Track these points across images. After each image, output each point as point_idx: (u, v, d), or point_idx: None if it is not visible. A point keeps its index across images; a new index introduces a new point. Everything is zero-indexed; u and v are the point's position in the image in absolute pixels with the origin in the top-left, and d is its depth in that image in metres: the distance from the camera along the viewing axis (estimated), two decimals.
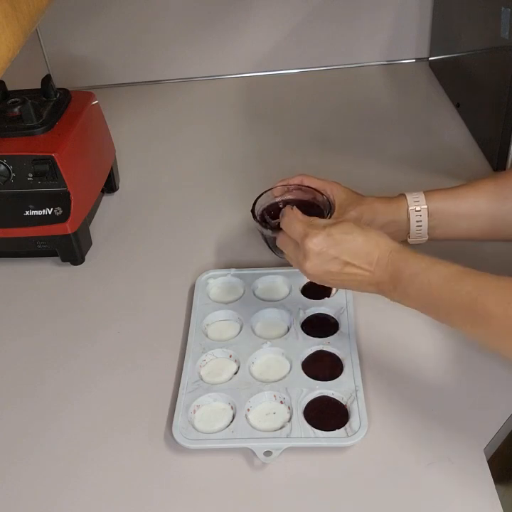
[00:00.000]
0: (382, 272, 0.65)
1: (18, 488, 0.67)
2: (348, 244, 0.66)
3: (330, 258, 0.66)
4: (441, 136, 1.16)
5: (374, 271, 0.65)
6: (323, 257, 0.66)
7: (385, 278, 0.65)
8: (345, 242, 0.66)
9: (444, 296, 0.60)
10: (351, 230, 0.67)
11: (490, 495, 0.60)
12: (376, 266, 0.65)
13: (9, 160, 0.88)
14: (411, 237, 0.78)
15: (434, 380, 0.72)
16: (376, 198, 0.79)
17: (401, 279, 0.63)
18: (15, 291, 0.92)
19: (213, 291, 0.85)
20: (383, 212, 0.77)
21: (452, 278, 0.60)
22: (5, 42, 0.55)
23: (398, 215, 0.77)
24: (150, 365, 0.78)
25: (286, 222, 0.70)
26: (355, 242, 0.66)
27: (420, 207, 0.76)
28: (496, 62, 0.99)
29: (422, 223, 0.77)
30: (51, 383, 0.77)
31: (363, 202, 0.78)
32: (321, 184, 0.81)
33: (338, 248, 0.66)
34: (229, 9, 1.34)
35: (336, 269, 0.67)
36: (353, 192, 0.81)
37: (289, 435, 0.66)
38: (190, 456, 0.67)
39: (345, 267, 0.66)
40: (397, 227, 0.78)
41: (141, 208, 1.06)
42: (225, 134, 1.24)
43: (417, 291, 0.62)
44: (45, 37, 1.37)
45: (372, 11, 1.34)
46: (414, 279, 0.62)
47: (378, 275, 0.65)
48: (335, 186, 0.81)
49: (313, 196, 0.81)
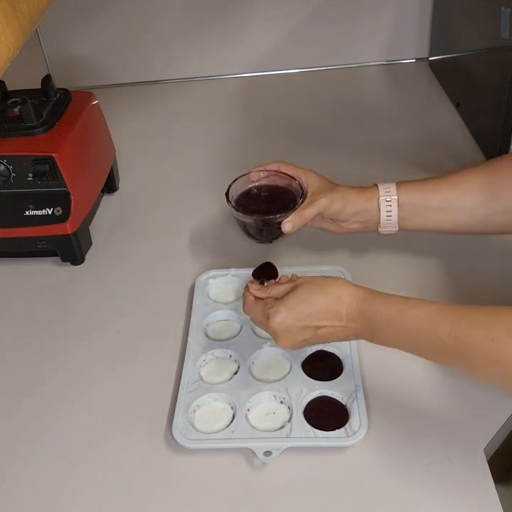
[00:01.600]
0: (356, 324, 0.64)
1: (18, 488, 0.67)
2: (310, 309, 0.65)
3: (299, 329, 0.65)
4: (441, 136, 1.16)
5: (347, 325, 0.64)
6: (293, 331, 0.65)
7: (361, 328, 0.64)
8: (307, 309, 0.65)
9: (422, 337, 0.59)
10: (309, 294, 0.65)
11: (490, 495, 0.60)
12: (347, 320, 0.64)
13: (9, 160, 0.88)
14: (381, 227, 0.78)
15: (434, 380, 0.72)
16: (349, 188, 0.79)
17: (376, 327, 0.62)
18: (15, 291, 0.92)
19: (213, 291, 0.85)
20: (355, 201, 0.78)
21: (429, 319, 0.59)
22: (5, 42, 0.55)
23: (369, 204, 0.78)
24: (150, 365, 0.78)
25: (247, 310, 0.70)
26: (317, 305, 0.65)
27: (391, 197, 0.76)
28: (496, 62, 0.99)
29: (392, 214, 0.77)
30: (51, 383, 0.77)
31: (336, 190, 0.79)
32: (296, 171, 0.82)
33: (303, 318, 0.65)
34: (229, 9, 1.34)
35: (310, 335, 0.66)
36: (327, 180, 0.82)
37: (289, 435, 0.66)
38: (190, 456, 0.67)
39: (318, 330, 0.65)
40: (367, 217, 0.78)
41: (141, 208, 1.06)
42: (225, 134, 1.24)
43: (394, 336, 0.61)
44: (45, 37, 1.37)
45: (372, 11, 1.34)
46: (390, 326, 0.61)
47: (353, 327, 0.64)
48: (310, 174, 0.81)
49: (289, 183, 0.82)
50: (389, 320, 0.61)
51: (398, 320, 0.60)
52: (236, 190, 0.83)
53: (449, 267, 0.86)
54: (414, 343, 0.60)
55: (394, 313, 0.61)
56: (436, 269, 0.86)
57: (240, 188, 0.84)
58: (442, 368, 0.72)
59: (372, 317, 0.62)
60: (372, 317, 0.62)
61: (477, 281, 0.84)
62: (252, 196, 0.83)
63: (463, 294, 0.82)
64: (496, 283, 0.83)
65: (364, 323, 0.63)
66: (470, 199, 0.74)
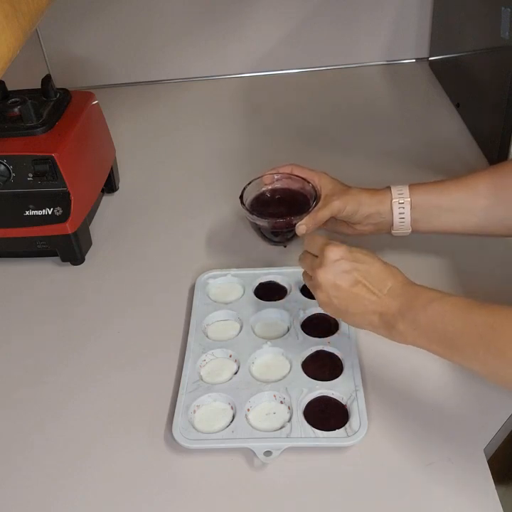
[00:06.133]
0: (392, 301, 0.63)
1: (18, 488, 0.67)
2: (365, 264, 0.66)
3: (344, 270, 0.65)
4: (441, 136, 1.16)
5: (382, 298, 0.64)
6: (338, 267, 0.66)
7: (393, 307, 0.63)
8: (362, 262, 0.66)
9: (457, 325, 0.58)
10: (372, 254, 0.67)
11: (490, 495, 0.60)
12: (387, 294, 0.64)
13: (9, 160, 0.88)
14: (394, 229, 0.79)
15: (434, 380, 0.72)
16: (362, 189, 0.80)
17: (412, 307, 0.62)
18: (15, 291, 0.92)
19: (213, 291, 0.85)
20: (368, 204, 0.78)
21: (467, 307, 0.59)
22: (5, 42, 0.55)
23: (382, 206, 0.78)
24: (150, 365, 0.78)
25: (308, 239, 0.72)
26: (372, 265, 0.66)
27: (404, 199, 0.77)
28: (496, 62, 0.99)
29: (405, 215, 0.77)
30: (51, 383, 0.77)
31: (349, 192, 0.80)
32: (309, 174, 0.83)
33: (354, 264, 0.66)
34: (229, 9, 1.34)
35: (346, 284, 0.65)
36: (340, 183, 0.82)
37: (289, 435, 0.66)
38: (190, 456, 0.67)
39: (356, 285, 0.65)
40: (380, 219, 0.79)
41: (141, 208, 1.06)
42: (225, 134, 1.24)
43: (428, 318, 0.60)
44: (45, 37, 1.37)
45: (372, 11, 1.34)
46: (428, 307, 0.61)
47: (386, 303, 0.64)
48: (323, 176, 0.82)
49: (302, 186, 0.83)
50: (429, 301, 0.61)
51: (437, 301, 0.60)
52: (250, 194, 0.83)
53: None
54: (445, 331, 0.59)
55: (435, 297, 0.61)
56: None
57: (254, 191, 0.84)
58: (442, 369, 0.72)
59: (415, 296, 0.62)
60: (415, 296, 0.62)
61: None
62: (266, 199, 0.84)
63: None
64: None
65: (400, 303, 0.63)
66: (482, 200, 0.75)
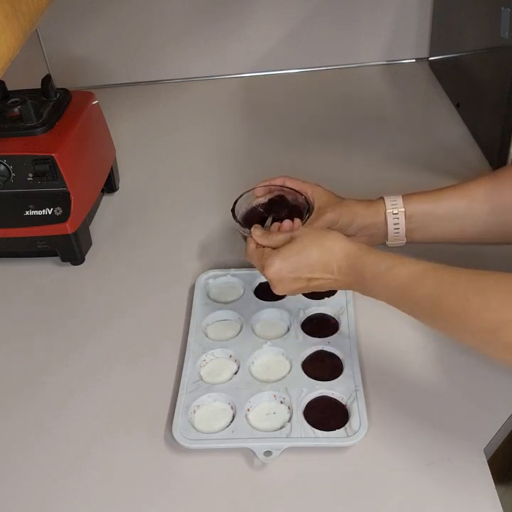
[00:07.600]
0: (346, 277, 0.67)
1: (18, 488, 0.67)
2: (303, 261, 0.68)
3: (292, 280, 0.69)
4: (441, 136, 1.16)
5: (337, 278, 0.67)
6: (286, 281, 0.69)
7: (351, 281, 0.67)
8: (299, 262, 0.68)
9: (406, 296, 0.61)
10: (303, 247, 0.68)
11: (490, 495, 0.60)
12: (338, 273, 0.67)
13: (9, 160, 0.88)
14: (389, 240, 0.79)
15: (434, 380, 0.72)
16: (356, 201, 0.80)
17: (364, 282, 0.65)
18: (15, 291, 0.92)
19: (213, 291, 0.85)
20: (362, 215, 0.78)
21: (412, 279, 0.61)
22: (5, 42, 0.55)
23: (376, 217, 0.78)
24: (150, 365, 0.78)
25: (247, 256, 0.74)
26: (310, 258, 0.68)
27: (397, 210, 0.77)
28: (496, 62, 0.99)
29: (400, 226, 0.77)
30: (51, 383, 0.77)
31: (342, 204, 0.79)
32: (302, 186, 0.82)
33: (295, 269, 0.68)
34: (229, 9, 1.34)
35: (303, 285, 0.69)
36: (334, 195, 0.82)
37: (289, 435, 0.66)
38: (190, 456, 0.67)
39: (310, 282, 0.69)
40: (375, 230, 0.79)
41: (141, 208, 1.06)
42: (225, 134, 1.24)
43: (381, 291, 0.64)
44: (45, 37, 1.37)
45: (372, 11, 1.34)
46: (377, 282, 0.64)
47: (343, 280, 0.67)
48: (316, 188, 0.81)
49: (295, 198, 0.82)
50: (375, 276, 0.64)
51: (384, 277, 0.63)
52: (241, 206, 0.82)
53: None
54: (397, 301, 0.63)
55: (381, 270, 0.63)
56: None
57: (246, 204, 0.83)
58: (443, 369, 0.72)
59: (359, 272, 0.65)
60: (359, 272, 0.65)
61: None
62: (258, 212, 0.82)
63: None
64: None
65: (353, 277, 0.66)
66: (479, 208, 0.74)
